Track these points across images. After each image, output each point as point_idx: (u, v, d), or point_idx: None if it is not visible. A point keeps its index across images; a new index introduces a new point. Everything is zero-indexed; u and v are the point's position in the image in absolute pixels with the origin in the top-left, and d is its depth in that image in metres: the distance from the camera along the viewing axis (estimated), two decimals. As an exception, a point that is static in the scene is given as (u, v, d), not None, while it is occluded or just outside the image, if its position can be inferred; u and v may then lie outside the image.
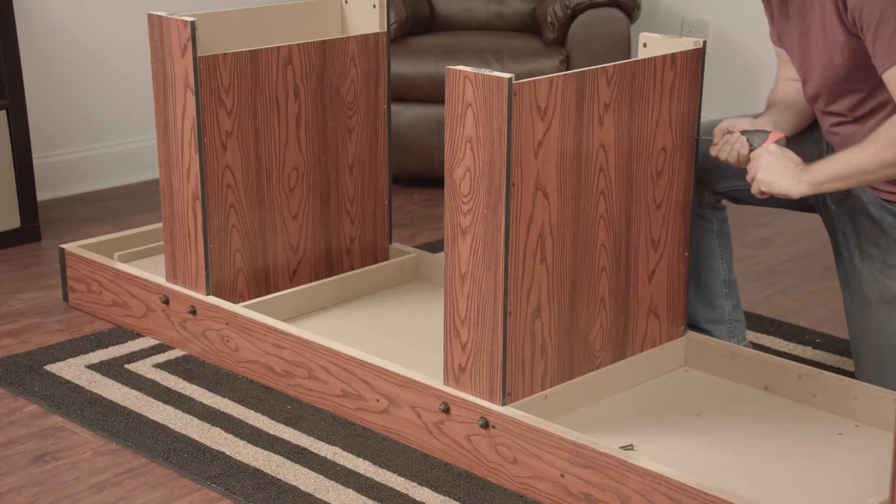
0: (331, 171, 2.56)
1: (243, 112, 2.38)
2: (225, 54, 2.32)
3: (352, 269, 2.65)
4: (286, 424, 2.14)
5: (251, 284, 2.47)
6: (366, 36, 2.54)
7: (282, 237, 2.50)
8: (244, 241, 2.44)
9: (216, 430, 2.11)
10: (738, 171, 2.16)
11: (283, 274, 2.53)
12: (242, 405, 2.21)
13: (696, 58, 2.11)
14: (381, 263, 2.69)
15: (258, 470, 1.98)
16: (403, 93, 3.43)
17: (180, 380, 2.32)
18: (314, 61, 2.47)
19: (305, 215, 2.54)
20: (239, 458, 2.02)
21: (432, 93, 3.44)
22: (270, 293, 2.50)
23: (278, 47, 2.40)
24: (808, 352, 2.46)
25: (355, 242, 2.65)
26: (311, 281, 2.57)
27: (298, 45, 2.44)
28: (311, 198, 2.54)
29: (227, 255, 2.42)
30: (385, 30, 2.59)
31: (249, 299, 2.46)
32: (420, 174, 3.54)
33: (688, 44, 2.11)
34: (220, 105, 2.33)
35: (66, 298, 2.70)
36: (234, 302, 2.43)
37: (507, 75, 1.82)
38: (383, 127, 2.63)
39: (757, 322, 2.61)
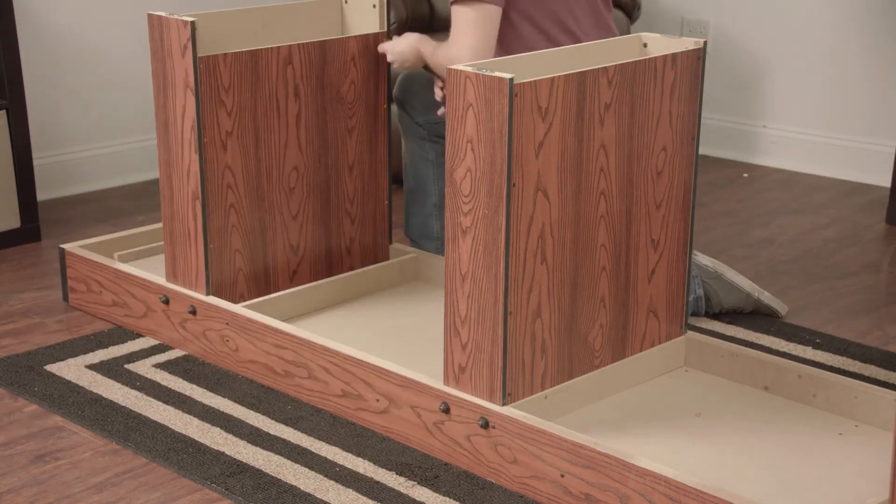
0: (331, 171, 2.56)
1: (243, 112, 2.38)
2: (225, 54, 2.32)
3: (352, 269, 2.65)
4: (286, 424, 2.14)
5: (251, 284, 2.47)
6: (366, 36, 2.54)
7: (282, 237, 2.50)
8: (244, 240, 2.44)
9: (216, 430, 2.11)
10: (432, 105, 2.64)
11: (283, 274, 2.53)
12: (242, 405, 2.21)
13: (697, 57, 2.11)
14: (381, 263, 2.69)
15: (258, 470, 1.98)
16: (403, 93, 3.43)
17: (180, 380, 2.32)
18: (314, 61, 2.47)
19: (305, 215, 2.54)
20: (239, 458, 2.02)
21: (432, 93, 3.43)
22: (270, 293, 2.50)
23: (278, 47, 2.40)
24: (808, 352, 2.46)
25: (355, 242, 2.65)
26: (311, 281, 2.57)
27: (298, 44, 2.44)
28: (311, 198, 2.54)
29: (227, 255, 2.42)
30: (385, 30, 2.59)
31: (249, 299, 2.46)
32: (420, 174, 3.53)
33: (688, 44, 2.11)
34: (220, 105, 2.33)
35: (66, 298, 2.70)
36: (234, 302, 2.43)
37: (509, 75, 1.82)
38: (383, 127, 2.63)
39: (757, 322, 2.61)
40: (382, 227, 2.70)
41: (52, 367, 2.37)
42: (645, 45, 2.17)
